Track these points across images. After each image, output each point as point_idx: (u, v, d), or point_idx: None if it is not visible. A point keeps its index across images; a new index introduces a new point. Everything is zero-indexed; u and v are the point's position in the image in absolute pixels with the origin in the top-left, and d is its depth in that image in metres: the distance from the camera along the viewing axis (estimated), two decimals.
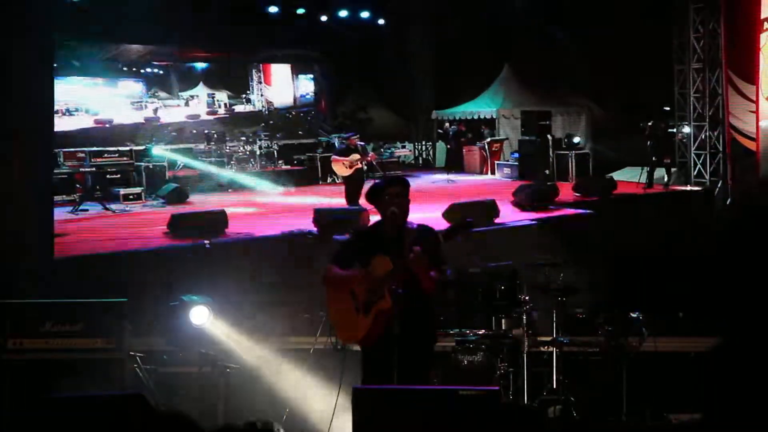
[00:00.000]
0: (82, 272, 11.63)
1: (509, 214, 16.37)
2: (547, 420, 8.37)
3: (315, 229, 14.35)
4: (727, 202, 19.94)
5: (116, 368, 8.16)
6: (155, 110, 27.17)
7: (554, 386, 8.82)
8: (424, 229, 6.67)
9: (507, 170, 24.50)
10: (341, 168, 17.52)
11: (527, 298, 9.10)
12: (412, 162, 29.09)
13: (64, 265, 11.18)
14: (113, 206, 18.83)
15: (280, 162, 25.06)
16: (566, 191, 19.20)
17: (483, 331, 9.00)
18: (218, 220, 14.76)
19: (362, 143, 18.10)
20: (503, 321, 9.02)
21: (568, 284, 9.00)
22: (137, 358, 8.49)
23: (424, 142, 29.95)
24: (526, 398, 8.68)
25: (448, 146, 26.72)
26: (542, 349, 9.01)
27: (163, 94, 28.58)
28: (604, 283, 9.96)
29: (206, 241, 13.45)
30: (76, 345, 8.16)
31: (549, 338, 8.95)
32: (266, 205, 19.49)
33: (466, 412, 5.70)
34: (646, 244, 14.26)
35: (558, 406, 8.70)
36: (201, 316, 9.14)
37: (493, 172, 25.20)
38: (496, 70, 27.19)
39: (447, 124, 27.01)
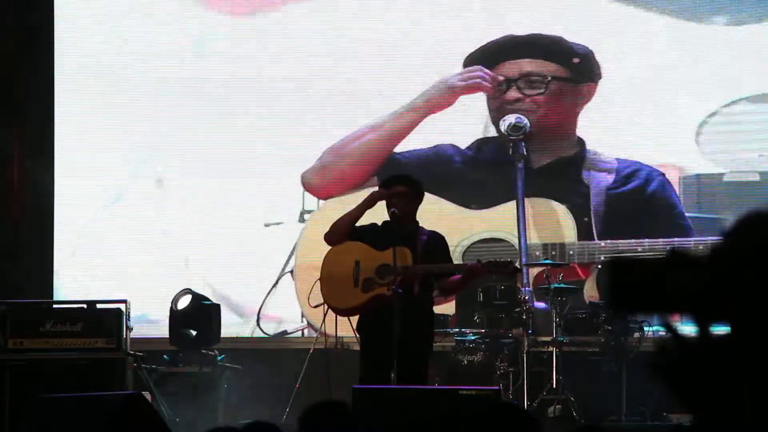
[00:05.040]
0: None
1: None
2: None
3: None
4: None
5: (116, 368, 8.49)
6: None
7: (554, 386, 9.19)
8: (435, 236, 7.12)
9: None
10: None
11: (527, 298, 9.51)
12: None
13: None
14: None
15: None
16: None
17: (483, 331, 9.40)
18: None
19: None
20: (503, 321, 9.38)
21: (568, 284, 9.42)
22: (137, 358, 8.82)
23: None
24: (526, 398, 9.09)
25: None
26: (542, 349, 9.40)
27: None
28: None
29: None
30: (76, 345, 8.49)
31: (549, 338, 9.34)
32: None
33: (466, 412, 6.11)
34: None
35: (558, 406, 9.11)
36: (185, 302, 9.67)
37: None
38: None
39: None
